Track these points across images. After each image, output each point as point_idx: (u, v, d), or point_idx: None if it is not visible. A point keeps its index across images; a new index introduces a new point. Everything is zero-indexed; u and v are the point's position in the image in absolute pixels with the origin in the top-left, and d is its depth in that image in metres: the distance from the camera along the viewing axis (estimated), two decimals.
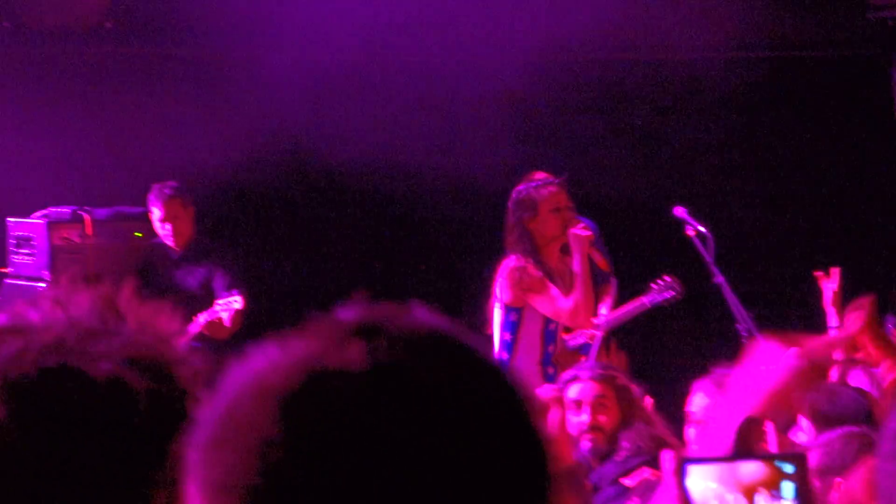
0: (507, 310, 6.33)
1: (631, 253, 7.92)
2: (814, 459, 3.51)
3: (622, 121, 9.37)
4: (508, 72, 8.87)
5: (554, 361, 6.27)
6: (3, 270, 7.82)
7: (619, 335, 7.25)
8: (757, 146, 9.38)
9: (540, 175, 7.13)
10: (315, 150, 8.87)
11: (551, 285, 6.24)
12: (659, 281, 6.99)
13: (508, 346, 6.37)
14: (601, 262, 6.28)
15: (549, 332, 6.36)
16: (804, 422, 4.48)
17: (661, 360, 5.61)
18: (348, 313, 1.05)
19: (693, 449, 4.65)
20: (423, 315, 1.06)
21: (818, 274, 6.29)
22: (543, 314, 6.27)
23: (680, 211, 6.97)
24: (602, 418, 4.91)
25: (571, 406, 4.90)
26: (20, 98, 8.82)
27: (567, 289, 6.30)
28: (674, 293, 6.91)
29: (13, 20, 8.61)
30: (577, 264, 6.23)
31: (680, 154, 9.35)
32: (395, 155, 8.76)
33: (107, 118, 8.82)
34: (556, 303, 6.19)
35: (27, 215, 7.78)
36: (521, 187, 6.49)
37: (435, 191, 9.10)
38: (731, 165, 9.36)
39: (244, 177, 8.76)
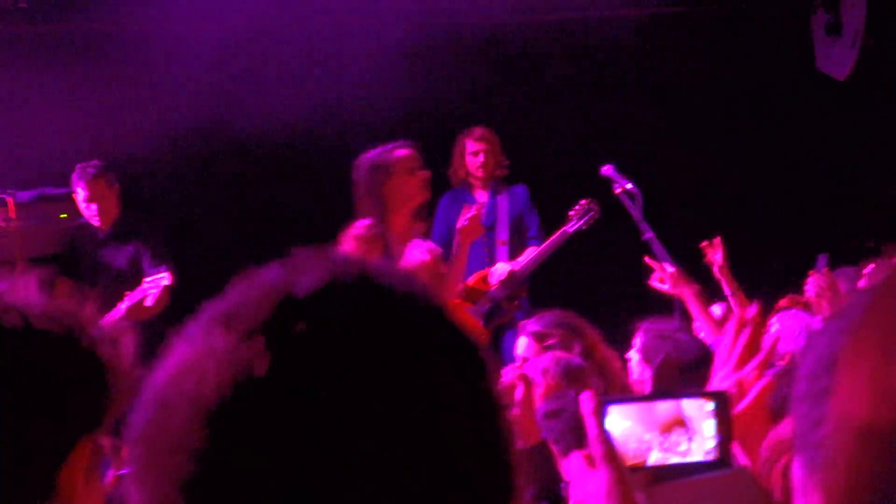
0: None
1: (558, 214, 7.95)
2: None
3: (537, 82, 9.37)
4: (420, 35, 8.88)
5: None
6: None
7: (552, 292, 7.28)
8: (679, 102, 9.43)
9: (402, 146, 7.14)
10: (230, 117, 8.81)
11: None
12: (576, 207, 7.28)
13: None
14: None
15: None
16: None
17: (593, 316, 5.62)
18: (264, 283, 0.99)
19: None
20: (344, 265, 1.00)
21: (704, 245, 6.30)
22: None
23: (607, 169, 7.00)
24: None
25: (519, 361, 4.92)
26: None
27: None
28: (593, 213, 7.23)
29: None
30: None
31: (601, 114, 9.38)
32: (302, 114, 8.73)
33: (25, 98, 8.70)
34: None
35: None
36: (373, 153, 6.49)
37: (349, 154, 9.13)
38: (655, 123, 9.41)
39: (164, 150, 8.68)
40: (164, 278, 6.94)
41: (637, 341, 5.41)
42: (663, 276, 5.04)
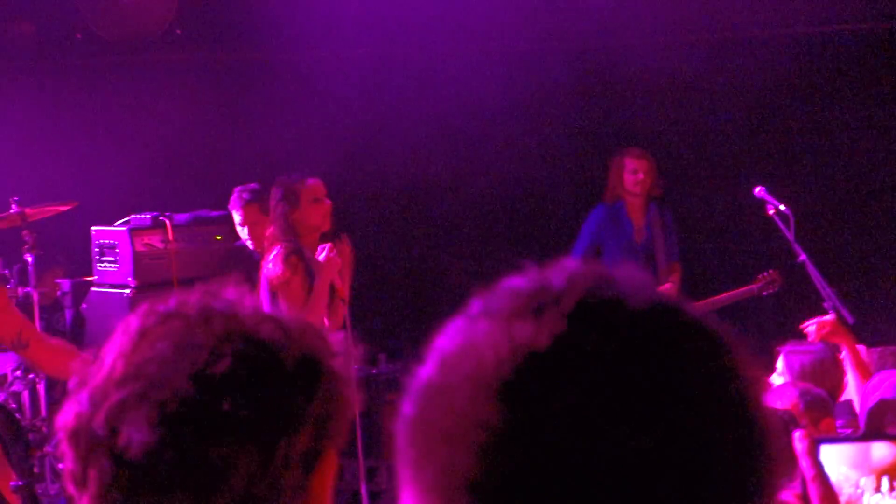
0: (271, 294, 6.43)
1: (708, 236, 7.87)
2: None
3: (689, 101, 9.28)
4: (553, 62, 8.90)
5: None
6: (89, 279, 7.92)
7: None
8: (838, 121, 9.23)
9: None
10: (383, 140, 8.91)
11: (297, 289, 6.32)
12: (765, 273, 7.82)
13: None
14: (341, 288, 6.40)
15: None
16: None
17: (748, 339, 5.55)
18: (518, 283, 1.04)
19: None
20: (590, 274, 1.04)
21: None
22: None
23: (760, 191, 6.94)
24: None
25: None
26: (95, 109, 8.94)
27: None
28: (776, 286, 7.81)
29: (85, 32, 8.72)
30: (316, 285, 6.34)
31: (756, 134, 9.26)
32: (451, 136, 8.78)
33: (181, 123, 8.91)
34: (287, 307, 6.25)
35: (110, 223, 7.87)
36: (283, 180, 6.58)
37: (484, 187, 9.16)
38: (810, 142, 9.25)
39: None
40: None
41: (780, 365, 5.29)
42: (819, 326, 5.04)
